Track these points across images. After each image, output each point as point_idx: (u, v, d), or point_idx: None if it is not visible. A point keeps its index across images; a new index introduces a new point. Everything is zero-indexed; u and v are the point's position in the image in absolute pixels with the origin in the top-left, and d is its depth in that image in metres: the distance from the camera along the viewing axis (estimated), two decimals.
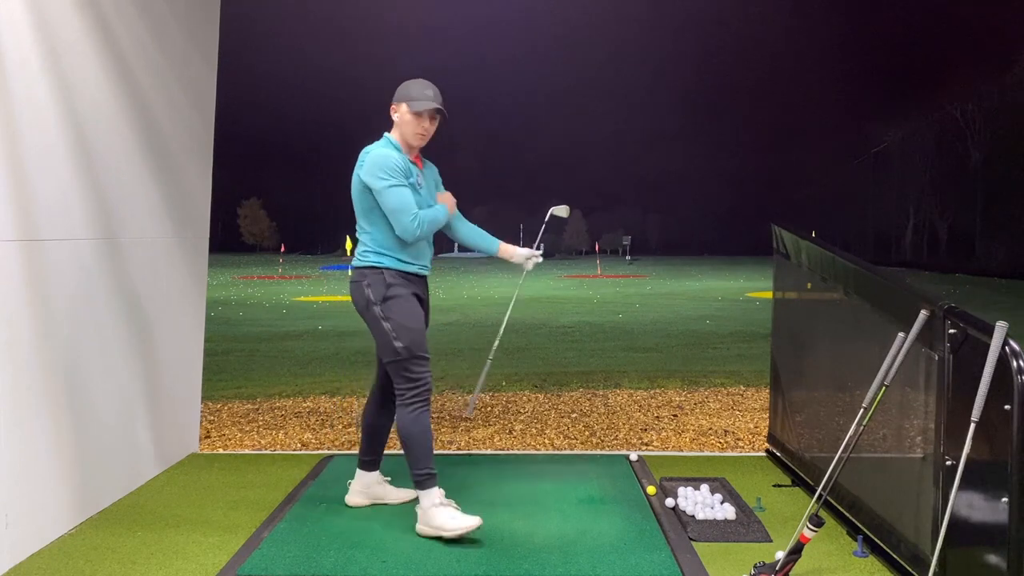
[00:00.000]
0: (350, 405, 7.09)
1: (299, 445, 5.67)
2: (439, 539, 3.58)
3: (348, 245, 37.57)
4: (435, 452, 3.72)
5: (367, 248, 3.72)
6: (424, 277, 3.87)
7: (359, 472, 4.06)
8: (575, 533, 3.67)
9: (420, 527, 3.65)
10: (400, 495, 4.09)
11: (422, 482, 3.64)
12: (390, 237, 3.67)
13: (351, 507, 4.02)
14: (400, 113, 3.72)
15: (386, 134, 3.79)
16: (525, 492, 4.26)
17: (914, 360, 3.20)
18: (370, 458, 4.06)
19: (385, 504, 4.06)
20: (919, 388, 3.22)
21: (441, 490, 3.72)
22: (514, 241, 4.18)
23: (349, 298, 3.87)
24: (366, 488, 4.05)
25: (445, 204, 3.84)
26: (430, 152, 4.00)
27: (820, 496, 3.40)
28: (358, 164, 3.67)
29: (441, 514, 3.59)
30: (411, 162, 3.74)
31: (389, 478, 4.15)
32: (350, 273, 3.82)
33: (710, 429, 6.17)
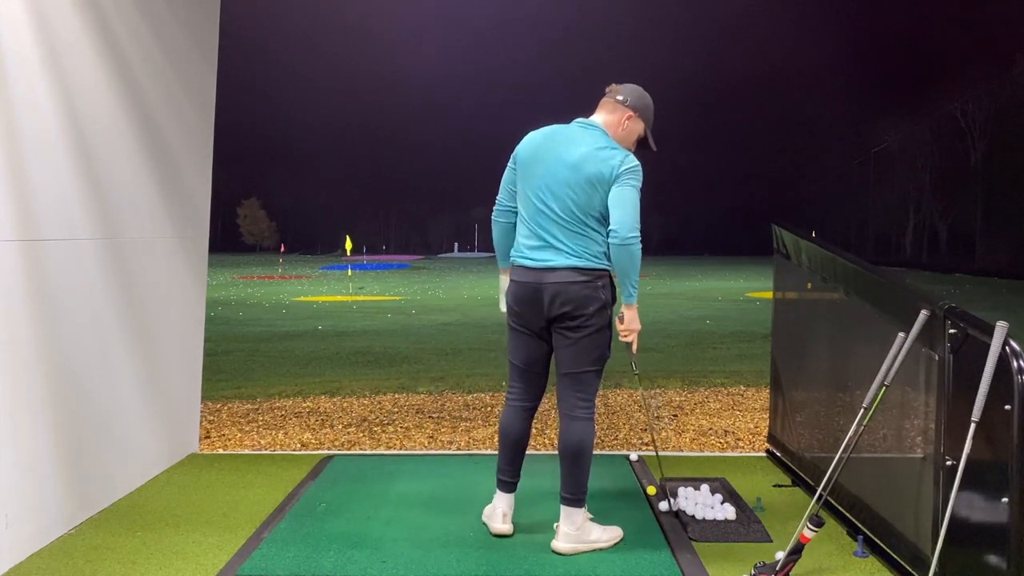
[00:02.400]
0: (350, 405, 7.09)
1: (299, 445, 5.67)
2: (439, 537, 3.57)
3: (348, 245, 37.56)
4: (435, 453, 3.70)
5: (599, 250, 3.39)
6: None
7: (503, 496, 3.65)
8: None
9: (568, 545, 3.41)
10: (612, 536, 3.58)
11: (582, 499, 3.47)
12: (604, 243, 3.41)
13: (348, 509, 4.00)
14: (635, 127, 3.55)
15: (602, 127, 3.48)
16: (525, 492, 4.25)
17: (914, 360, 3.20)
18: (516, 479, 3.68)
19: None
20: (919, 388, 3.22)
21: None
22: None
23: (349, 298, 3.85)
24: (577, 530, 3.49)
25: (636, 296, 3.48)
26: (434, 151, 3.98)
27: (820, 496, 3.40)
28: (606, 157, 3.35)
29: (595, 529, 3.51)
30: None
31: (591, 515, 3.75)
32: (569, 269, 3.38)
33: (710, 429, 6.17)
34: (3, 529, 3.30)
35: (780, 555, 3.22)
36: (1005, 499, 2.65)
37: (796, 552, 3.16)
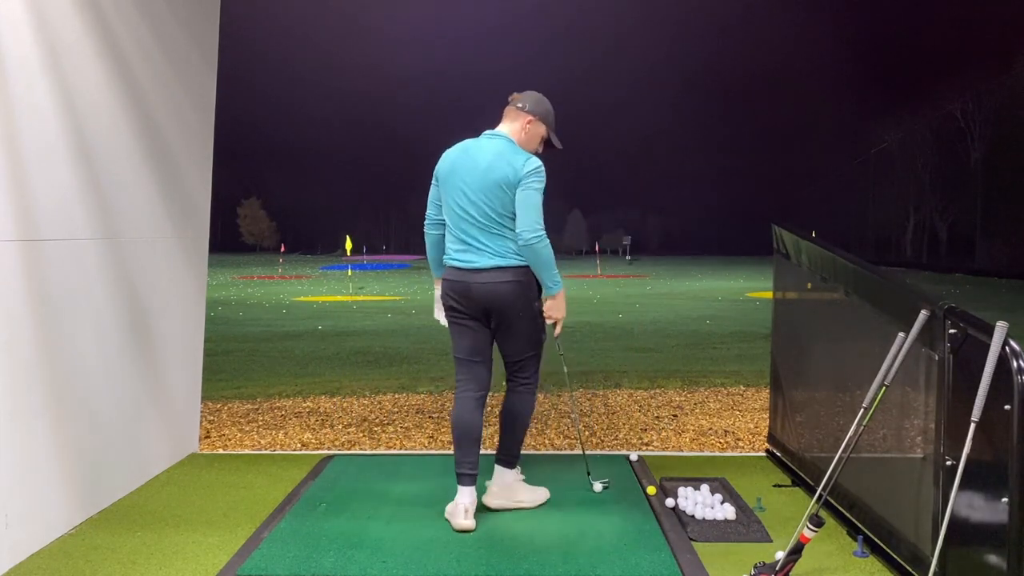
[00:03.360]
0: (350, 405, 7.09)
1: (299, 445, 5.67)
2: (439, 537, 3.58)
3: (348, 245, 37.54)
4: (435, 453, 3.76)
5: (515, 248, 3.74)
6: None
7: (464, 489, 3.76)
8: (575, 533, 3.67)
9: (495, 500, 3.90)
10: (540, 497, 4.09)
11: (511, 461, 3.96)
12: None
13: (348, 509, 4.00)
14: (536, 131, 3.86)
15: (507, 135, 3.82)
16: None
17: (914, 360, 3.20)
18: (476, 472, 3.81)
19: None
20: (919, 388, 3.22)
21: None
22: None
23: (349, 298, 3.91)
24: (505, 487, 3.98)
25: (562, 284, 3.87)
26: (434, 151, 4.03)
27: (820, 496, 3.40)
28: (511, 161, 3.69)
29: (523, 489, 3.99)
30: None
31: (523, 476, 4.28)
32: (494, 269, 3.72)
33: (710, 429, 6.17)
34: (3, 529, 3.30)
35: (780, 555, 3.22)
36: (1005, 499, 2.65)
37: (796, 552, 3.16)
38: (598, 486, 4.22)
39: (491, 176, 3.69)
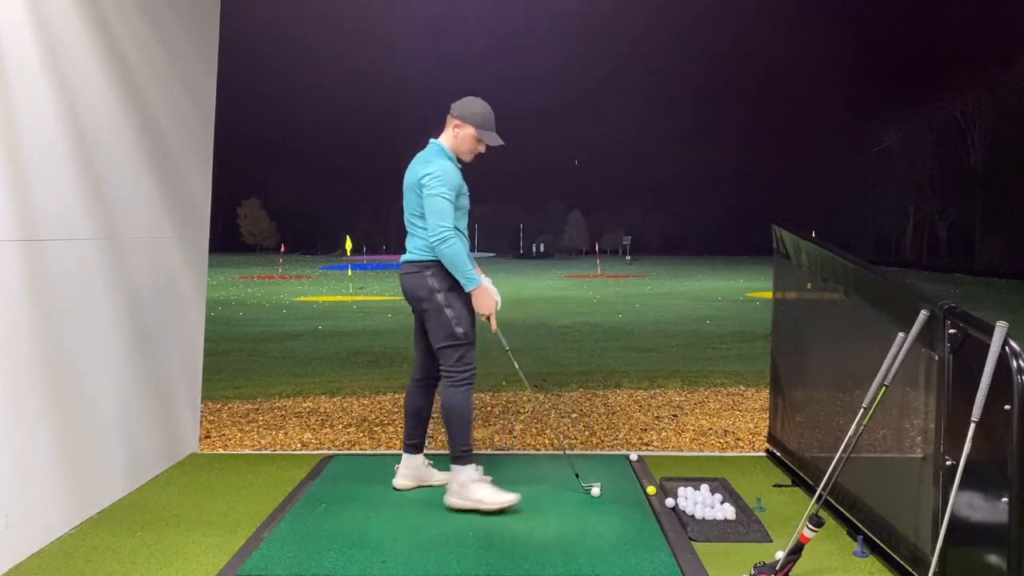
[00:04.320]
0: (350, 405, 7.09)
1: (299, 445, 5.67)
2: (439, 537, 3.58)
3: (348, 245, 37.56)
4: (435, 453, 3.76)
5: (424, 244, 3.99)
6: None
7: (406, 456, 4.28)
8: (575, 533, 3.67)
9: (454, 500, 3.93)
10: (443, 477, 4.28)
11: (462, 457, 3.95)
12: None
13: (348, 509, 4.01)
14: (464, 132, 4.06)
15: (439, 144, 4.09)
16: (525, 492, 4.26)
17: (914, 360, 3.20)
18: (416, 441, 4.29)
19: (428, 486, 4.28)
20: (919, 388, 3.23)
21: (480, 467, 4.11)
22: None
23: (349, 298, 3.92)
24: (414, 471, 4.29)
25: (482, 283, 4.01)
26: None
27: (820, 496, 3.40)
28: (420, 168, 3.98)
29: (481, 488, 3.92)
30: (461, 170, 4.12)
31: (432, 462, 4.40)
32: (406, 263, 4.10)
33: (710, 429, 6.17)
34: (3, 529, 3.30)
35: (780, 555, 3.22)
36: (1005, 499, 2.65)
37: (796, 552, 3.16)
38: (595, 490, 4.20)
39: (408, 180, 4.07)
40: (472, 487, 3.93)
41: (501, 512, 3.88)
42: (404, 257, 4.12)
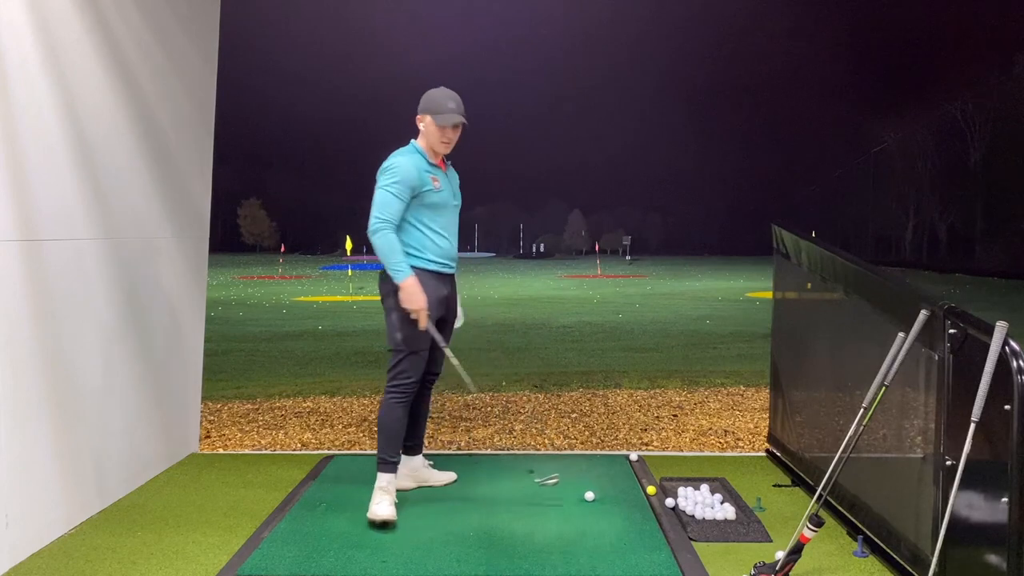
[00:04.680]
0: (350, 405, 7.09)
1: (299, 445, 5.67)
2: (439, 537, 3.58)
3: (348, 245, 37.55)
4: (436, 452, 3.75)
5: None
6: (447, 275, 4.08)
7: (405, 458, 4.21)
8: (575, 533, 3.67)
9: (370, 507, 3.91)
10: (443, 477, 4.35)
11: (379, 465, 3.92)
12: (413, 236, 3.95)
13: (348, 509, 4.01)
14: (425, 124, 3.98)
15: (413, 141, 4.03)
16: (525, 492, 4.26)
17: (914, 360, 3.20)
18: (412, 443, 4.24)
19: (428, 486, 4.30)
20: (919, 388, 3.22)
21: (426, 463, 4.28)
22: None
23: (349, 298, 3.93)
24: (414, 472, 4.28)
25: (411, 277, 3.83)
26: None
27: (820, 496, 3.40)
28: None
29: (376, 497, 3.85)
30: (434, 165, 4.01)
31: (432, 462, 4.45)
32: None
33: (710, 429, 6.17)
34: (3, 529, 3.30)
35: (780, 555, 3.22)
36: (1005, 499, 2.65)
37: (796, 552, 3.16)
38: (590, 495, 4.14)
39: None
40: (375, 494, 3.86)
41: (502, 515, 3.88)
42: None
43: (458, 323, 4.29)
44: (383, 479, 3.90)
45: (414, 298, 3.83)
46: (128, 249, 4.28)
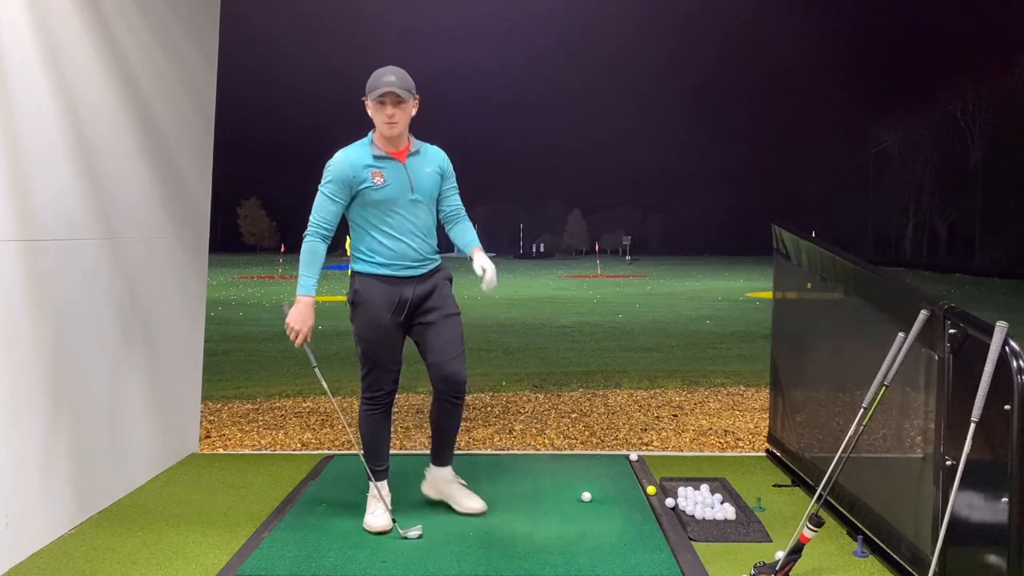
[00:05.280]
0: (350, 405, 7.09)
1: (299, 445, 5.67)
2: (439, 537, 3.58)
3: (348, 245, 37.62)
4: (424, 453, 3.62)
5: (352, 250, 3.79)
6: (411, 278, 3.72)
7: (431, 466, 4.03)
8: (575, 533, 3.67)
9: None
10: (469, 504, 3.91)
11: (372, 475, 3.79)
12: (362, 239, 3.71)
13: (348, 509, 4.00)
14: (368, 107, 3.65)
15: (370, 132, 3.74)
16: (525, 492, 4.26)
17: (914, 360, 3.20)
18: (431, 451, 4.02)
19: (451, 507, 3.95)
20: (919, 388, 3.22)
21: (451, 473, 3.96)
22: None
23: (347, 298, 3.88)
24: (436, 483, 4.02)
25: (307, 298, 3.71)
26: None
27: (820, 496, 3.40)
28: None
29: (369, 506, 3.77)
30: (383, 157, 3.64)
31: (465, 483, 4.04)
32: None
33: (710, 429, 6.17)
34: (3, 529, 3.30)
35: (780, 555, 3.22)
36: (1005, 499, 2.65)
37: (796, 552, 3.16)
38: (587, 495, 4.13)
39: None
40: (368, 504, 3.79)
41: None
42: None
43: (488, 284, 3.73)
44: (372, 487, 3.80)
45: (297, 317, 3.68)
46: (128, 249, 4.28)
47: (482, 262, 3.71)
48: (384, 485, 3.84)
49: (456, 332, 3.85)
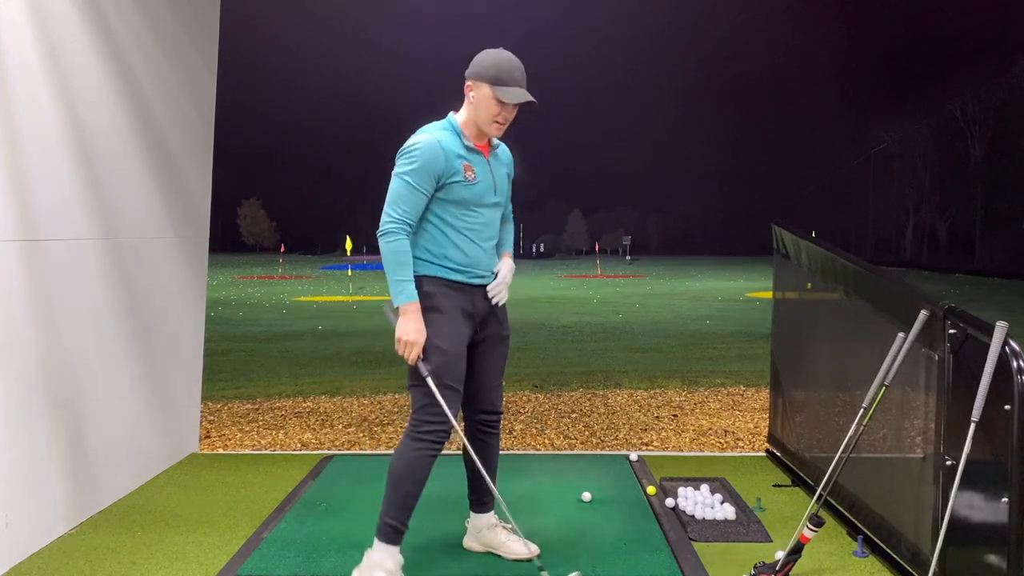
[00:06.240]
0: (350, 405, 7.09)
1: (299, 445, 5.67)
2: (439, 537, 3.57)
3: (348, 245, 37.57)
4: None
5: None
6: (482, 287, 3.21)
7: (472, 514, 3.49)
8: (575, 533, 3.67)
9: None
10: (520, 550, 3.33)
11: (386, 533, 3.08)
12: (433, 239, 3.09)
13: (348, 509, 4.00)
14: (480, 94, 3.06)
15: (451, 115, 3.17)
16: (525, 492, 4.26)
17: (914, 360, 3.20)
18: (476, 496, 3.45)
19: (498, 555, 3.41)
20: (919, 388, 3.22)
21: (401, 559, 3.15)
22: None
23: (349, 298, 3.79)
24: (478, 532, 3.46)
25: (415, 303, 3.01)
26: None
27: (820, 496, 3.40)
28: None
29: (365, 571, 3.08)
30: (472, 150, 3.12)
31: (512, 526, 3.34)
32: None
33: (710, 429, 6.17)
34: (3, 529, 3.30)
35: (780, 555, 3.22)
36: (1005, 499, 2.65)
37: (796, 552, 3.16)
38: (587, 495, 4.13)
39: None
40: (364, 568, 3.09)
41: None
42: None
43: (491, 291, 3.26)
44: (380, 550, 3.08)
45: (411, 328, 3.00)
46: (128, 249, 4.28)
47: (503, 269, 3.29)
48: (397, 553, 3.12)
49: (504, 356, 3.42)
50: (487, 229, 3.19)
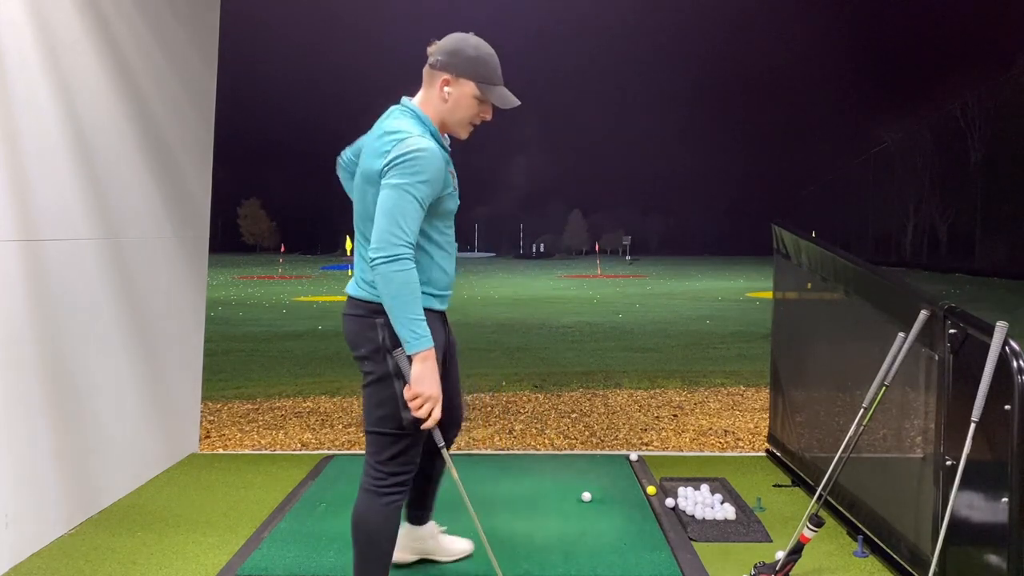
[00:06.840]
0: (350, 405, 7.09)
1: (299, 445, 5.67)
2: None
3: (348, 245, 37.58)
4: None
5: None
6: (444, 312, 2.81)
7: (408, 527, 3.24)
8: (575, 533, 3.67)
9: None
10: (455, 548, 3.33)
11: None
12: (418, 261, 2.56)
13: (348, 509, 3.99)
14: (461, 91, 2.64)
15: (416, 109, 2.67)
16: (525, 492, 4.26)
17: (914, 360, 3.20)
18: (421, 512, 3.25)
19: (433, 560, 3.30)
20: (919, 388, 3.22)
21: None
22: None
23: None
24: (415, 543, 3.28)
25: (431, 350, 2.48)
26: None
27: (820, 496, 3.40)
28: (378, 149, 2.56)
29: None
30: (446, 150, 2.71)
31: (445, 528, 3.38)
32: (349, 298, 2.70)
33: (710, 429, 6.17)
34: (3, 529, 3.30)
35: (780, 555, 3.22)
36: (1005, 499, 2.65)
37: (796, 552, 3.16)
38: (587, 495, 4.13)
39: (363, 167, 2.63)
40: None
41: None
42: (349, 288, 2.68)
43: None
44: None
45: (426, 381, 2.47)
46: (128, 249, 4.28)
47: None
48: None
49: (458, 369, 3.13)
50: (454, 242, 2.81)
